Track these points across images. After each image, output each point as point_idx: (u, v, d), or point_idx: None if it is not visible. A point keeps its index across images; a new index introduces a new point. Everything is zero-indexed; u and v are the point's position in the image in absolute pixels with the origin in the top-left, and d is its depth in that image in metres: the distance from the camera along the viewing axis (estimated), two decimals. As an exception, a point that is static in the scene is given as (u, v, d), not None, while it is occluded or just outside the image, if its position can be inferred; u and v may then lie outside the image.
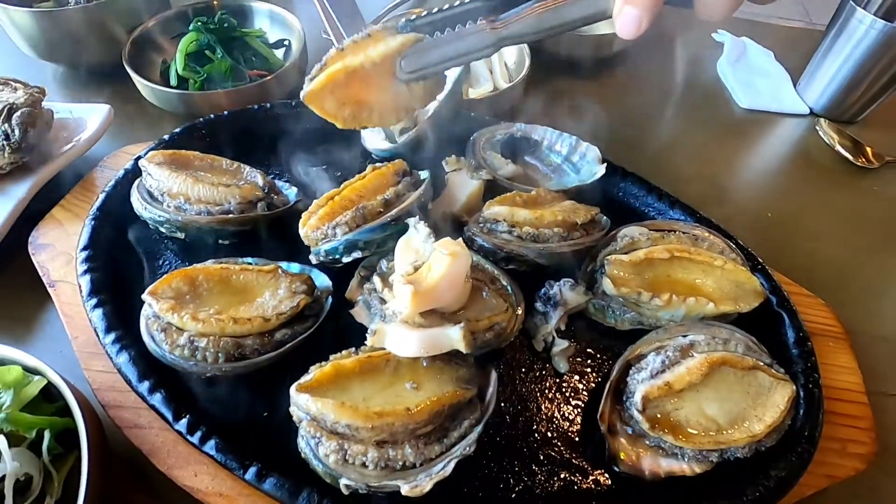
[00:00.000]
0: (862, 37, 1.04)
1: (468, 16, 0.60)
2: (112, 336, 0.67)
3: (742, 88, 1.23)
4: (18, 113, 0.83)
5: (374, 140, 0.93)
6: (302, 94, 0.62)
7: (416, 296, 0.61)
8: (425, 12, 0.61)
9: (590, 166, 0.90)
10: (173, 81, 1.07)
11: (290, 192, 0.86)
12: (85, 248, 0.75)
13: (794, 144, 1.16)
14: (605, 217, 0.83)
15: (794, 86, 1.24)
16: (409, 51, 0.60)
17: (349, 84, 0.61)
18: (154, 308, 0.65)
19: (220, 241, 0.79)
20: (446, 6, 0.60)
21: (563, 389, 0.72)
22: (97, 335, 0.68)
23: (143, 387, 0.64)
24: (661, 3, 0.50)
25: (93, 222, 0.78)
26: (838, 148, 1.11)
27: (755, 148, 1.15)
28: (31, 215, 0.84)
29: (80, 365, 0.69)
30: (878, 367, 0.80)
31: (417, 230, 0.69)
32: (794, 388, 0.65)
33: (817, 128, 1.15)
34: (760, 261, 0.81)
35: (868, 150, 1.11)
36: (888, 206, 1.04)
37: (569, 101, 1.20)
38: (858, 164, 1.09)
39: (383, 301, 0.68)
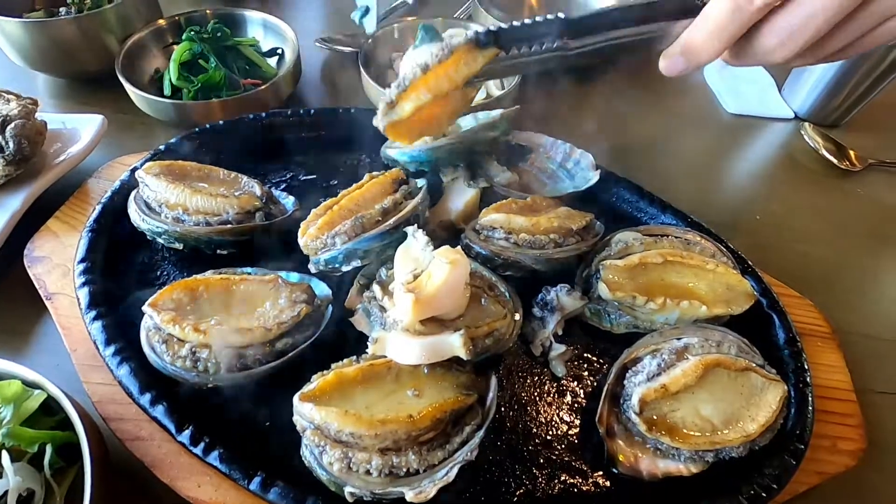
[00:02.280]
0: (844, 43, 1.07)
1: (544, 27, 0.58)
2: (112, 348, 0.67)
3: (729, 94, 1.26)
4: (12, 125, 0.83)
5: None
6: (382, 124, 0.60)
7: (417, 304, 0.62)
8: (507, 25, 0.58)
9: (584, 173, 0.91)
10: (167, 91, 1.07)
11: (288, 202, 0.86)
12: (82, 261, 0.75)
13: (780, 148, 1.19)
14: (598, 222, 0.84)
15: (779, 91, 1.27)
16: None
17: (430, 108, 0.60)
18: (155, 319, 0.65)
19: (219, 252, 0.79)
20: (528, 20, 0.58)
21: (562, 393, 0.73)
22: (97, 347, 0.68)
23: (145, 399, 0.63)
24: (705, 64, 0.58)
25: (90, 234, 0.78)
26: (822, 151, 1.14)
27: (743, 152, 1.17)
28: (26, 228, 0.83)
29: (79, 378, 0.69)
30: (866, 366, 0.82)
31: (416, 238, 0.69)
32: (786, 387, 0.67)
33: (802, 132, 1.17)
34: (750, 263, 0.83)
35: (851, 153, 1.14)
36: (871, 208, 1.07)
37: (561, 107, 1.21)
38: (842, 166, 1.12)
39: (383, 309, 0.69)
